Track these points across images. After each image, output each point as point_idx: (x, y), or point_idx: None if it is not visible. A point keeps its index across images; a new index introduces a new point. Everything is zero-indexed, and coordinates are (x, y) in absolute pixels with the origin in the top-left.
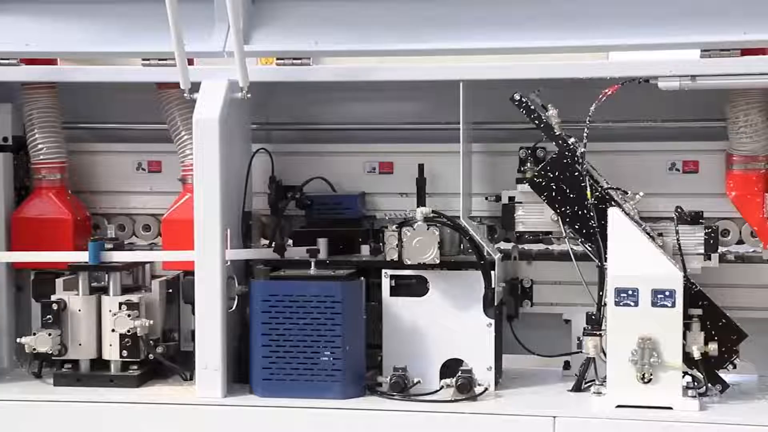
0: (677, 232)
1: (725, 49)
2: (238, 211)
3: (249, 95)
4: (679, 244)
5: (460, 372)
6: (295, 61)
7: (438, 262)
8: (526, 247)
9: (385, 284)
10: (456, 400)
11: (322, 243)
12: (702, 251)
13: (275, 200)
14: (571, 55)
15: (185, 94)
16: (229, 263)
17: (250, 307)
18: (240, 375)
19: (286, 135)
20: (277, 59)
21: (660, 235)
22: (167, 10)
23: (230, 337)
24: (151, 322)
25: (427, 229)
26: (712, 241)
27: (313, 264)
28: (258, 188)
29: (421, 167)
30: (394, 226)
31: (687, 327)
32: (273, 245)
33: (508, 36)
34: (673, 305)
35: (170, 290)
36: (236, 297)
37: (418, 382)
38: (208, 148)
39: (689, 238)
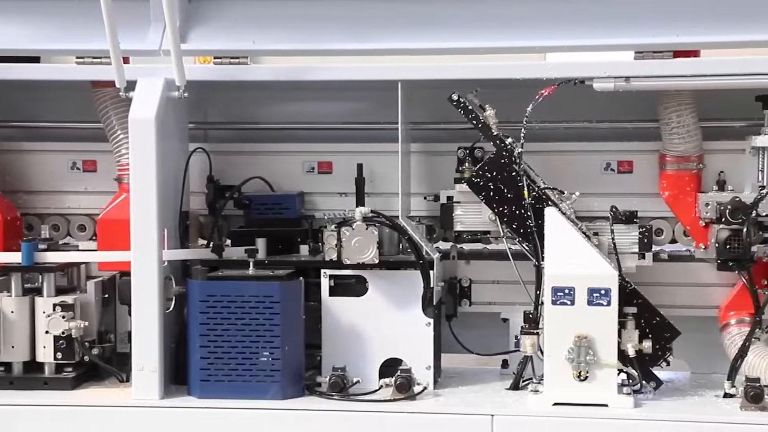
0: (612, 232)
1: (658, 51)
2: (175, 211)
3: (186, 94)
4: (614, 243)
5: (399, 371)
6: (232, 60)
7: (377, 261)
8: (465, 246)
9: (324, 284)
10: (395, 400)
11: (260, 243)
12: (636, 250)
13: (213, 200)
14: (509, 56)
15: (121, 93)
16: (166, 263)
17: (187, 308)
18: (177, 376)
19: (224, 134)
20: (215, 58)
21: (595, 234)
22: (102, 7)
23: (167, 338)
24: (86, 323)
25: (366, 228)
26: (646, 240)
27: (251, 264)
28: (196, 188)
29: (359, 167)
30: (333, 226)
31: (622, 325)
32: (211, 245)
33: (447, 36)
34: (609, 304)
35: (106, 295)
36: (173, 298)
37: (358, 381)
38: (144, 148)
39: (624, 238)
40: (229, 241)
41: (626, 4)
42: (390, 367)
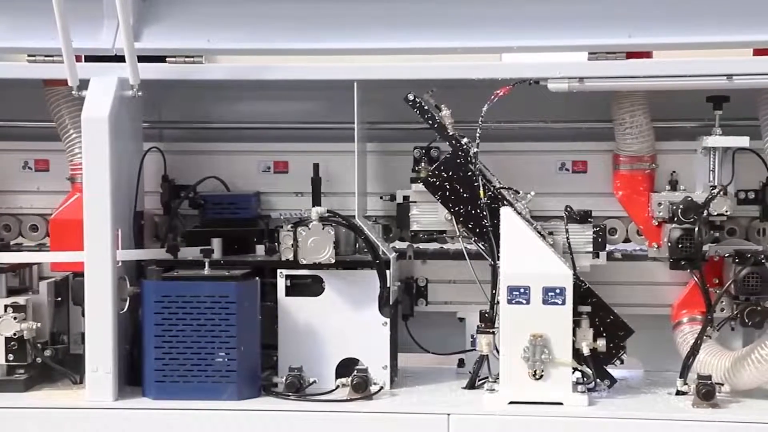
0: (567, 231)
1: (611, 52)
2: (129, 211)
3: (140, 93)
4: (568, 243)
5: (355, 371)
6: (187, 59)
7: (333, 261)
8: (421, 246)
9: (281, 284)
10: (351, 399)
11: (216, 243)
12: (591, 249)
13: (168, 200)
14: (465, 56)
15: (73, 92)
16: (120, 264)
17: (142, 309)
18: (132, 378)
19: (179, 134)
20: (169, 57)
21: (550, 233)
22: (54, 5)
23: (121, 340)
24: (39, 324)
25: (323, 228)
26: (600, 240)
27: (207, 264)
28: (150, 187)
29: (316, 167)
30: (289, 226)
31: (576, 324)
32: (166, 245)
33: (403, 36)
34: (563, 303)
35: (59, 296)
36: (128, 298)
37: (314, 381)
38: (97, 147)
39: (578, 237)
40: (184, 242)
41: (579, 6)
42: (346, 367)
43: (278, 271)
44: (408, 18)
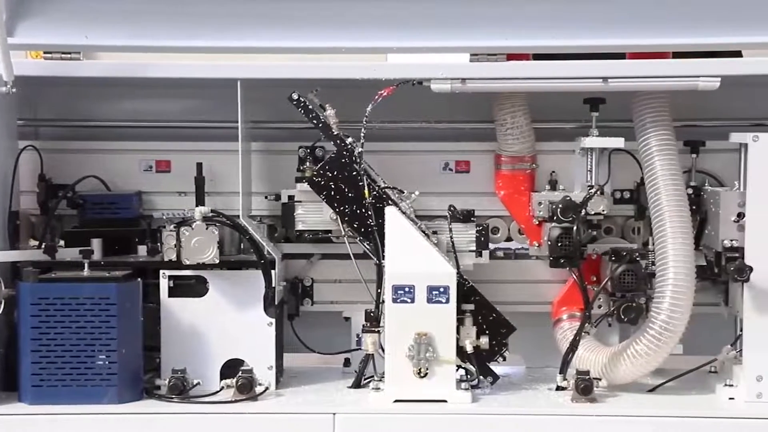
0: (450, 230)
1: (492, 53)
2: (3, 211)
3: (14, 90)
4: (452, 242)
5: (240, 372)
6: (63, 56)
7: (218, 261)
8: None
9: (164, 285)
10: (236, 401)
11: (96, 243)
12: (474, 248)
13: (45, 199)
14: (351, 57)
15: None
16: None
17: (18, 311)
18: (8, 382)
19: (57, 132)
20: (45, 53)
21: (434, 233)
22: None
23: None
24: None
25: (206, 228)
26: (483, 239)
27: (86, 265)
28: (26, 187)
29: (199, 166)
30: (172, 226)
31: (460, 322)
32: (43, 246)
33: (288, 35)
34: (447, 301)
35: None
36: (2, 301)
37: (198, 383)
38: None
39: (462, 236)
40: (62, 242)
41: (461, 7)
42: (231, 368)
43: (161, 271)
44: (293, 17)
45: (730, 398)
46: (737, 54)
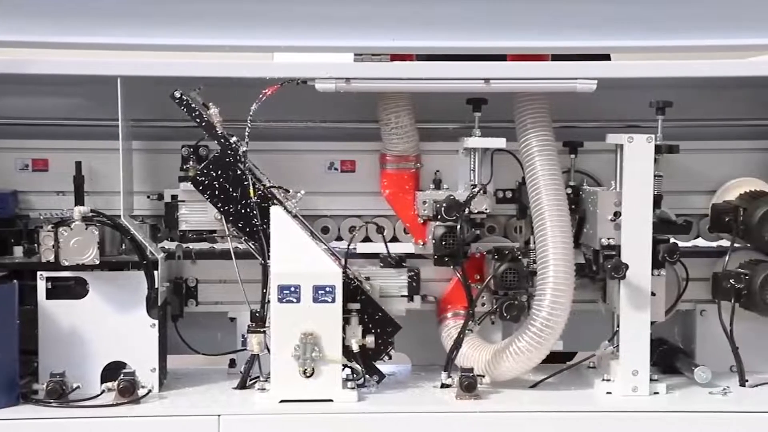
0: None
1: (376, 54)
2: None
3: None
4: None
5: (122, 375)
6: None
7: (98, 262)
8: (190, 245)
9: (41, 287)
10: (118, 404)
11: None
12: (405, 293)
13: None
14: (235, 55)
15: None
16: None
17: None
18: None
19: None
20: None
21: (367, 279)
22: None
23: None
24: None
25: (86, 228)
26: (414, 284)
27: None
28: None
29: (78, 165)
30: (49, 226)
31: (346, 321)
32: None
33: (170, 33)
34: (333, 300)
35: None
36: None
37: (78, 387)
38: None
39: (393, 282)
40: None
41: (345, 8)
42: (113, 370)
43: (38, 273)
44: (178, 14)
45: (608, 392)
46: (606, 57)
